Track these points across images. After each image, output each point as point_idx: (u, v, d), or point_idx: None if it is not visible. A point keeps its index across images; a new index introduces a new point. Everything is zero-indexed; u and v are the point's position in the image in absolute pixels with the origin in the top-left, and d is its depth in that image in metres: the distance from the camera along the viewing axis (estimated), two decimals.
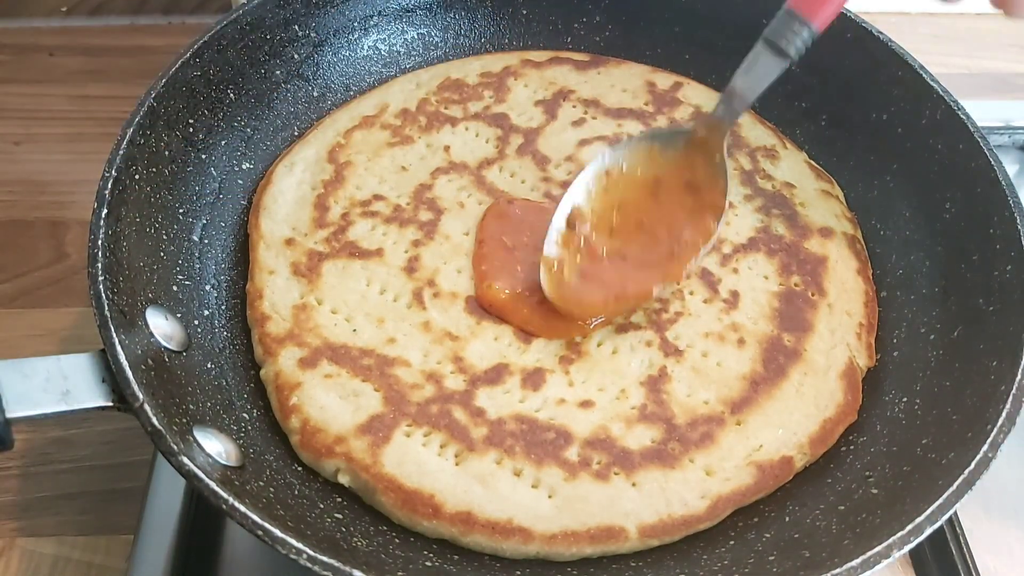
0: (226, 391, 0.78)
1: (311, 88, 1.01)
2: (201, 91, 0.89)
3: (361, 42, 1.05)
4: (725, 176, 0.78)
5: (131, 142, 0.79)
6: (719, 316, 0.84)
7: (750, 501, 0.75)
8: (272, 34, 0.96)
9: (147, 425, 0.64)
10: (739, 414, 0.78)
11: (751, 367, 0.81)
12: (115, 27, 1.35)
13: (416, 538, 0.72)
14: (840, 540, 0.68)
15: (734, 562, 0.71)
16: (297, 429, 0.75)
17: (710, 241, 0.78)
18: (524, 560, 0.71)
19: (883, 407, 0.81)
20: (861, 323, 0.86)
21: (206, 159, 0.90)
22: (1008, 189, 0.82)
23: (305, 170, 0.93)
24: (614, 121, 0.99)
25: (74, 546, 0.87)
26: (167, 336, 0.75)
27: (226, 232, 0.90)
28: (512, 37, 1.09)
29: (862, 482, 0.75)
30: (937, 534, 0.68)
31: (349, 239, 0.87)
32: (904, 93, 0.93)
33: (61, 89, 1.26)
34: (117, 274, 0.72)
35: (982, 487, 0.65)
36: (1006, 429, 0.68)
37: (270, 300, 0.83)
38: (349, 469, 0.73)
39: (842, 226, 0.92)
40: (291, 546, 0.60)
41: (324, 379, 0.77)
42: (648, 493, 0.73)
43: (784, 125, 1.02)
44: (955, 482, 0.65)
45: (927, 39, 1.39)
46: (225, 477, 0.66)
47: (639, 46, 1.06)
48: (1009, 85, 1.34)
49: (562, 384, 0.78)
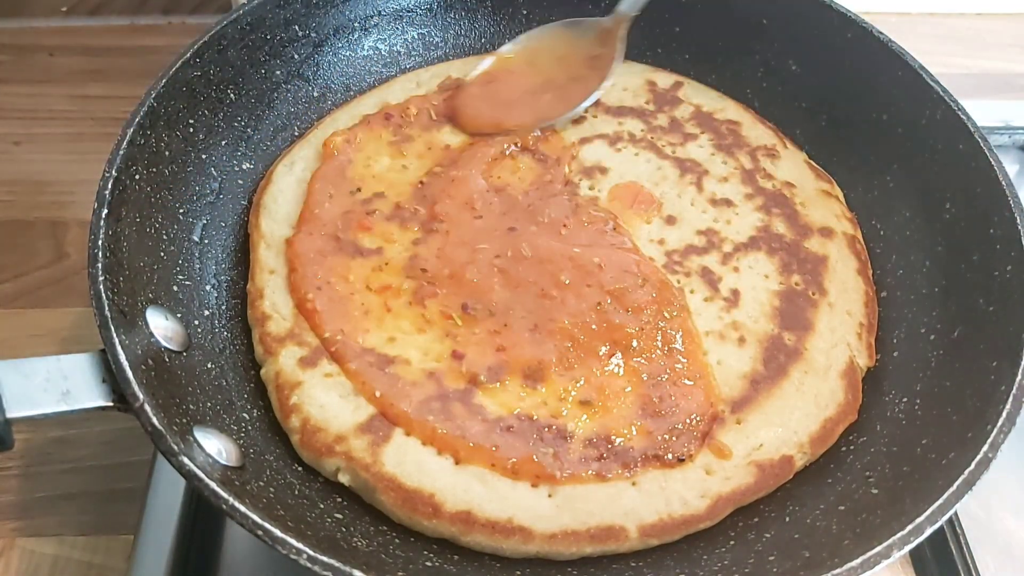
0: (226, 391, 0.78)
1: (311, 88, 1.01)
2: (201, 91, 0.89)
3: (361, 42, 1.05)
4: (613, 52, 0.98)
5: (131, 142, 0.79)
6: (719, 314, 0.84)
7: (750, 500, 0.75)
8: (272, 34, 0.96)
9: (147, 425, 0.64)
10: (739, 413, 0.78)
11: (751, 366, 0.81)
12: (115, 27, 1.35)
13: (416, 538, 0.72)
14: (840, 540, 0.68)
15: (734, 562, 0.71)
16: (297, 428, 0.75)
17: (592, 95, 0.97)
18: (524, 560, 0.71)
19: (883, 407, 0.81)
20: (861, 323, 0.86)
21: (206, 159, 0.90)
22: (1008, 189, 0.82)
23: (305, 169, 0.93)
24: (615, 119, 0.99)
25: (74, 546, 0.87)
26: (167, 336, 0.75)
27: (226, 232, 0.90)
28: (512, 37, 1.09)
29: (862, 482, 0.75)
30: (937, 534, 0.68)
31: (349, 238, 0.87)
32: (904, 93, 0.93)
33: (61, 89, 1.26)
34: (117, 274, 0.72)
35: (982, 487, 0.65)
36: (1006, 429, 0.68)
37: (271, 300, 0.83)
38: (349, 468, 0.73)
39: (842, 226, 0.92)
40: (291, 546, 0.60)
41: (324, 378, 0.77)
42: (648, 492, 0.73)
43: (784, 125, 1.02)
44: (955, 482, 0.65)
45: (927, 39, 1.39)
46: (225, 477, 0.66)
47: (639, 46, 1.06)
48: (1009, 85, 1.34)
49: (562, 382, 0.78)
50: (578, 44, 1.00)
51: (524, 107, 0.97)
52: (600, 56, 0.99)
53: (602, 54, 0.99)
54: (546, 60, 1.00)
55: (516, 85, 0.98)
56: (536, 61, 1.00)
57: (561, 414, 0.76)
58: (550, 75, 0.99)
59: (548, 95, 0.97)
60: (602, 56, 0.99)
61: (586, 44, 1.00)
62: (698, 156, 0.97)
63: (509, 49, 1.02)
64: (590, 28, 1.01)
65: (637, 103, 1.02)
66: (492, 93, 0.97)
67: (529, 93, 0.98)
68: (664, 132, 0.99)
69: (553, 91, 0.97)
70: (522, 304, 0.82)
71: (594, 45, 1.00)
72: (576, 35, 1.01)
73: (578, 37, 1.01)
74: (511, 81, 0.99)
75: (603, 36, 1.00)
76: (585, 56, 1.00)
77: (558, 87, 0.98)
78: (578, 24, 1.01)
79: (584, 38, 1.00)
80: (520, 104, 0.97)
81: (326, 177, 0.91)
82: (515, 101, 0.97)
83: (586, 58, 0.99)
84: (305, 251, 0.85)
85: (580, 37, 1.01)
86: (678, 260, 0.87)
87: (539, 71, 0.99)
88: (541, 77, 0.99)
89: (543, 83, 0.98)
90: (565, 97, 0.97)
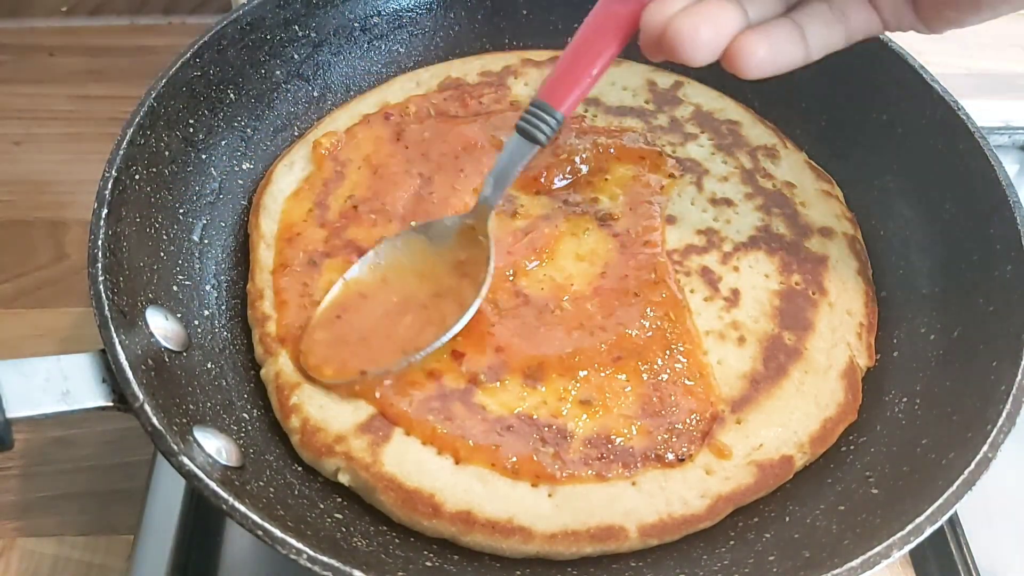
0: (226, 391, 0.78)
1: (311, 88, 1.01)
2: (201, 91, 0.89)
3: (361, 42, 1.05)
4: (488, 252, 0.80)
5: (131, 142, 0.79)
6: (719, 314, 0.84)
7: (750, 500, 0.75)
8: (272, 34, 0.96)
9: (147, 425, 0.64)
10: (739, 413, 0.78)
11: (751, 365, 0.81)
12: (115, 27, 1.35)
13: (416, 538, 0.72)
14: (840, 540, 0.68)
15: (734, 562, 0.71)
16: (297, 428, 0.75)
17: (470, 309, 0.78)
18: (524, 559, 0.71)
19: (883, 407, 0.81)
20: (861, 323, 0.86)
21: (206, 159, 0.90)
22: (1008, 189, 0.81)
23: (305, 169, 0.93)
24: (615, 119, 0.99)
25: (74, 546, 0.87)
26: (167, 336, 0.75)
27: (226, 232, 0.90)
28: (512, 37, 1.09)
29: (862, 482, 0.75)
30: (937, 534, 0.68)
31: (349, 237, 0.87)
32: (904, 93, 0.93)
33: (61, 89, 1.26)
34: (117, 274, 0.72)
35: (982, 487, 0.65)
36: (1006, 429, 0.68)
37: (271, 300, 0.83)
38: (349, 468, 0.73)
39: (842, 226, 0.92)
40: (291, 546, 0.60)
41: None
42: (648, 492, 0.73)
43: (784, 125, 1.02)
44: (955, 482, 0.65)
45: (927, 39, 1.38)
46: (225, 477, 0.66)
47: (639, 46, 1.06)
48: (1009, 85, 1.34)
49: (562, 382, 0.78)
50: (438, 251, 0.83)
51: (384, 341, 0.78)
52: (467, 260, 0.81)
53: (469, 257, 0.81)
54: (402, 277, 0.82)
55: (369, 314, 0.79)
56: (390, 280, 0.81)
57: (561, 414, 0.76)
58: (408, 293, 0.80)
59: (409, 317, 0.79)
60: (470, 259, 0.81)
61: (448, 249, 0.82)
62: (698, 156, 0.97)
63: (355, 272, 0.82)
64: (448, 229, 0.83)
65: (637, 103, 1.02)
66: (342, 332, 0.78)
67: (387, 319, 0.79)
68: (664, 132, 0.99)
69: (414, 312, 0.79)
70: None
71: (457, 249, 0.82)
72: (432, 240, 0.83)
73: (435, 241, 0.83)
74: (364, 310, 0.80)
75: (464, 235, 0.82)
76: (450, 263, 0.82)
77: (420, 306, 0.79)
78: (430, 227, 0.84)
79: (444, 242, 0.83)
80: (378, 337, 0.78)
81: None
82: (371, 335, 0.78)
83: (452, 265, 0.82)
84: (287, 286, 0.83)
85: (438, 241, 0.83)
86: (678, 260, 0.87)
87: (394, 290, 0.81)
88: (398, 297, 0.80)
89: (401, 304, 0.80)
90: (434, 318, 0.78)
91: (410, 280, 0.81)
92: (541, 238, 0.87)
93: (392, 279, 0.82)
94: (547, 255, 0.86)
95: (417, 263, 0.82)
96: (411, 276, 0.82)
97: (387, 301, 0.80)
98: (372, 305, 0.80)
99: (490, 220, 0.82)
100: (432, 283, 0.81)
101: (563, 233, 0.88)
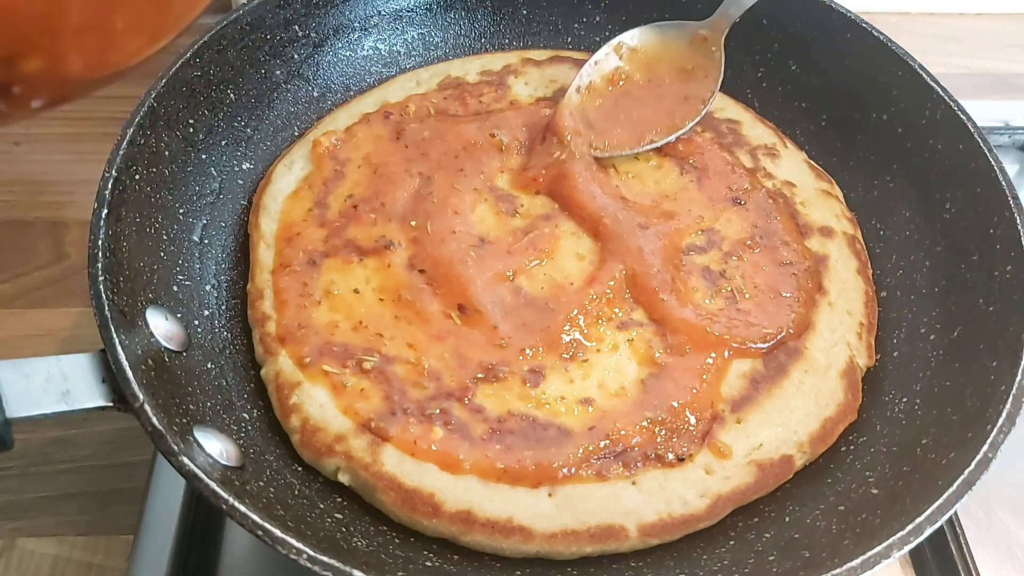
0: (226, 391, 0.78)
1: (311, 88, 1.01)
2: (201, 91, 0.89)
3: (361, 42, 1.05)
4: (720, 66, 0.85)
5: (131, 142, 0.79)
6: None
7: (750, 500, 0.75)
8: (272, 34, 0.96)
9: (147, 425, 0.64)
10: (739, 412, 0.78)
11: (751, 365, 0.81)
12: None
13: (416, 538, 0.72)
14: (840, 540, 0.68)
15: (734, 562, 0.71)
16: (297, 428, 0.75)
17: (695, 119, 0.86)
18: (524, 559, 0.71)
19: (883, 407, 0.81)
20: (861, 322, 0.86)
21: (206, 159, 0.90)
22: (1008, 189, 0.82)
23: (305, 168, 0.93)
24: None
25: (74, 546, 0.86)
26: (167, 336, 0.75)
27: (226, 232, 0.90)
28: (512, 37, 1.09)
29: (862, 482, 0.75)
30: (937, 534, 0.68)
31: (348, 237, 0.87)
32: (904, 93, 0.93)
33: None
34: (117, 274, 0.72)
35: (982, 487, 0.65)
36: (1006, 429, 0.68)
37: (271, 300, 0.83)
38: (349, 468, 0.73)
39: (842, 226, 0.92)
40: (291, 546, 0.60)
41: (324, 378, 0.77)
42: (648, 492, 0.73)
43: (784, 125, 1.02)
44: (955, 482, 0.65)
45: (927, 39, 1.39)
46: (225, 477, 0.66)
47: None
48: (1009, 85, 1.34)
49: (561, 381, 0.78)
50: (675, 52, 0.89)
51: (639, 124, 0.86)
52: (693, 69, 0.88)
53: (696, 66, 0.88)
54: (662, 70, 0.89)
55: (640, 98, 0.87)
56: (653, 69, 0.88)
57: (561, 413, 0.76)
58: (666, 89, 0.87)
59: (649, 110, 0.86)
60: (697, 68, 0.88)
61: (678, 53, 0.89)
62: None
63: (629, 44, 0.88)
64: (682, 34, 0.89)
65: None
66: (624, 108, 0.86)
67: (650, 108, 0.87)
68: None
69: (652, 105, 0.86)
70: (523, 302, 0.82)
71: (686, 56, 0.88)
72: (670, 41, 0.89)
73: (672, 43, 0.89)
74: (635, 94, 0.87)
75: (697, 45, 0.89)
76: (678, 68, 0.89)
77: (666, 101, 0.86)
78: (671, 28, 0.90)
79: (677, 45, 0.89)
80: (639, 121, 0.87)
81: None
82: (637, 118, 0.87)
83: (677, 70, 0.89)
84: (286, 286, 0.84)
85: (674, 43, 0.89)
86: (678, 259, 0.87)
87: (656, 83, 0.88)
88: (656, 91, 0.87)
89: (657, 96, 0.87)
90: (672, 114, 0.86)
91: (668, 74, 0.89)
92: (541, 238, 0.87)
93: (654, 69, 0.89)
94: (547, 254, 0.86)
95: (671, 59, 0.90)
96: (669, 71, 0.89)
97: (649, 90, 0.89)
98: (641, 90, 0.88)
99: (724, 35, 0.87)
100: (681, 81, 0.88)
101: (563, 233, 0.88)
